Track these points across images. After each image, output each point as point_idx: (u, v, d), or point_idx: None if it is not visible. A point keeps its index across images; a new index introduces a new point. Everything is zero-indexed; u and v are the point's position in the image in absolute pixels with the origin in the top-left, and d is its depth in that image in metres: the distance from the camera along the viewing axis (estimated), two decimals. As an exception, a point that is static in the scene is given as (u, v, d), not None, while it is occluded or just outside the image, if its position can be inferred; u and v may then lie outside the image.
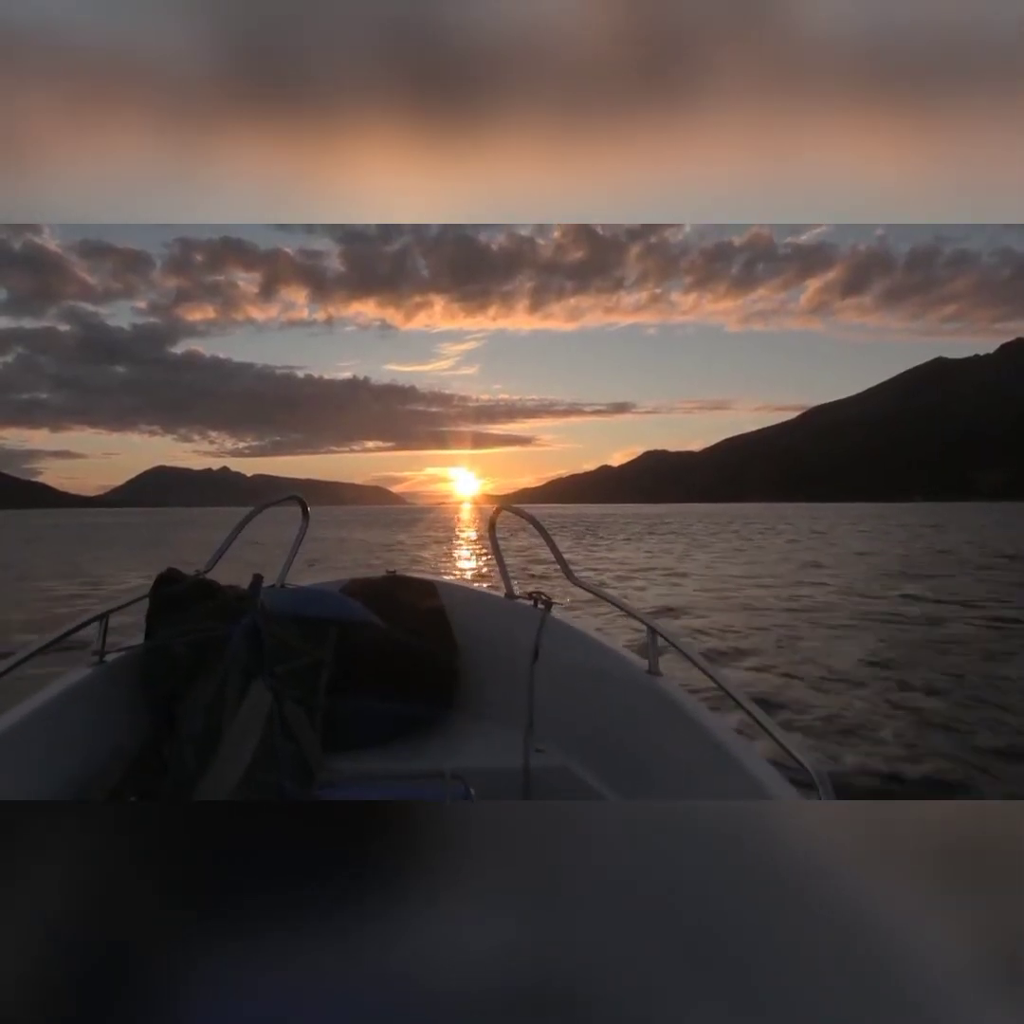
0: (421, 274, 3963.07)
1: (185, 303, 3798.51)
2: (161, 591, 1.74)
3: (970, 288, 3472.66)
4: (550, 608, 2.04)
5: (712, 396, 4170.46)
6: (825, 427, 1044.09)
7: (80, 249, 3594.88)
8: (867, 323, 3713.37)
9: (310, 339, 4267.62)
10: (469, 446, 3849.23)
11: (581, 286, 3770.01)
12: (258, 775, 1.37)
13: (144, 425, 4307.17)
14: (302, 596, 2.06)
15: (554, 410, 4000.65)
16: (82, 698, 1.48)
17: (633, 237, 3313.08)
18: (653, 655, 1.63)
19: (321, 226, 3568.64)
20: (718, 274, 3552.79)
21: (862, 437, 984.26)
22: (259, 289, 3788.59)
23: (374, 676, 1.90)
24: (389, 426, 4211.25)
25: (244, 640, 1.57)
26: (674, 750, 1.41)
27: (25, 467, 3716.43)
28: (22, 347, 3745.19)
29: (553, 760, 1.78)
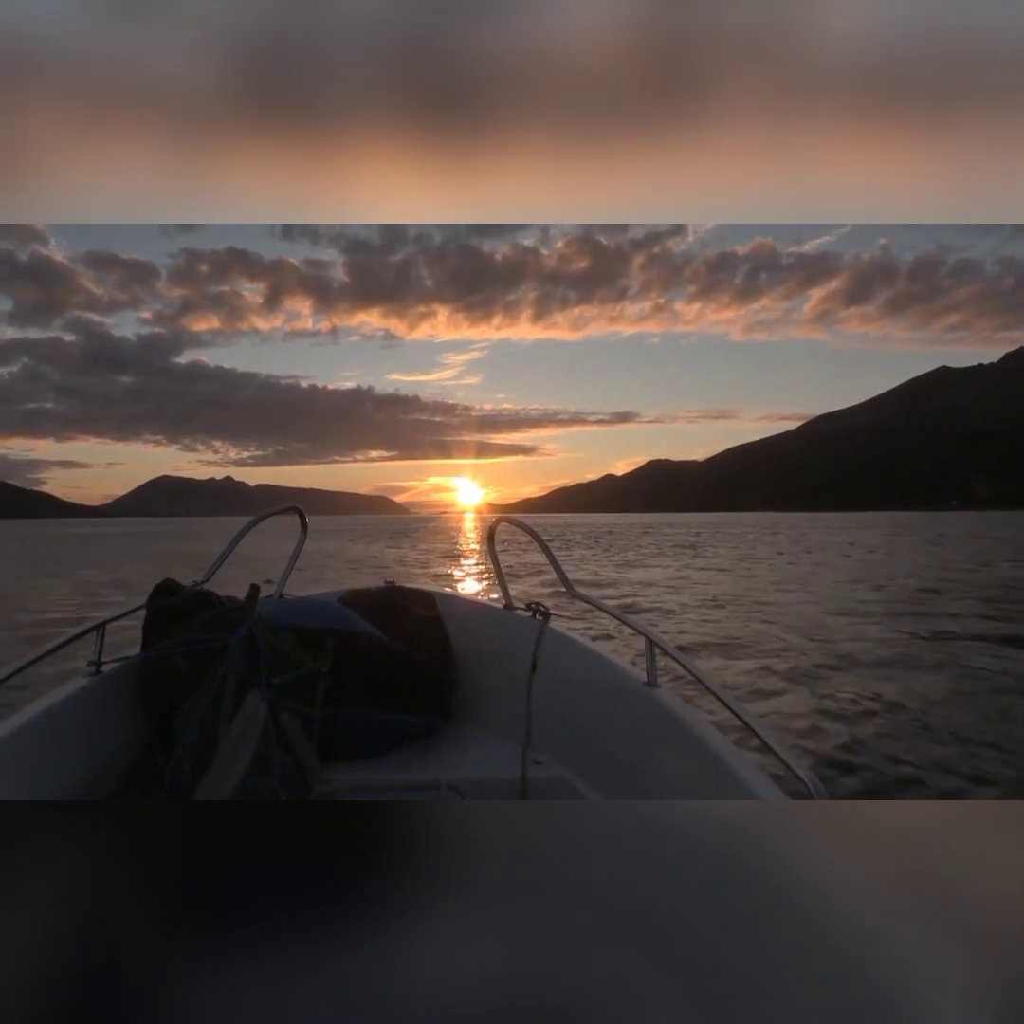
0: (425, 284, 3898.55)
1: (190, 313, 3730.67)
2: (158, 602, 1.74)
3: (974, 297, 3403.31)
4: (548, 619, 2.03)
5: (716, 405, 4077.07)
6: (829, 436, 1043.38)
7: (86, 259, 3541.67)
8: (871, 332, 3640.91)
9: (314, 349, 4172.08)
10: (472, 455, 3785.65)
11: (585, 296, 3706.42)
12: (254, 785, 1.36)
13: (148, 435, 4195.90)
14: (300, 607, 2.06)
15: (557, 419, 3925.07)
16: (79, 708, 1.48)
17: (637, 247, 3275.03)
18: (651, 667, 1.62)
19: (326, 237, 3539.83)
20: (721, 284, 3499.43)
21: (866, 446, 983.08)
22: (264, 299, 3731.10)
23: (371, 687, 1.90)
24: (392, 436, 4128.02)
25: (241, 650, 1.58)
26: (672, 761, 1.40)
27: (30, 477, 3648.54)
28: (28, 357, 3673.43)
29: (551, 771, 1.77)
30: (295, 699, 1.67)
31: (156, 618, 1.71)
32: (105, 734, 1.53)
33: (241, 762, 1.37)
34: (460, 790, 1.54)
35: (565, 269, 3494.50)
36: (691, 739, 1.34)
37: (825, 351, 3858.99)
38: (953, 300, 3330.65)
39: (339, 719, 1.81)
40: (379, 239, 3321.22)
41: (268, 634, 1.69)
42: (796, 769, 1.04)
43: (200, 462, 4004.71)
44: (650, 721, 1.50)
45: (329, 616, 1.99)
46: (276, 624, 1.80)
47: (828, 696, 4.75)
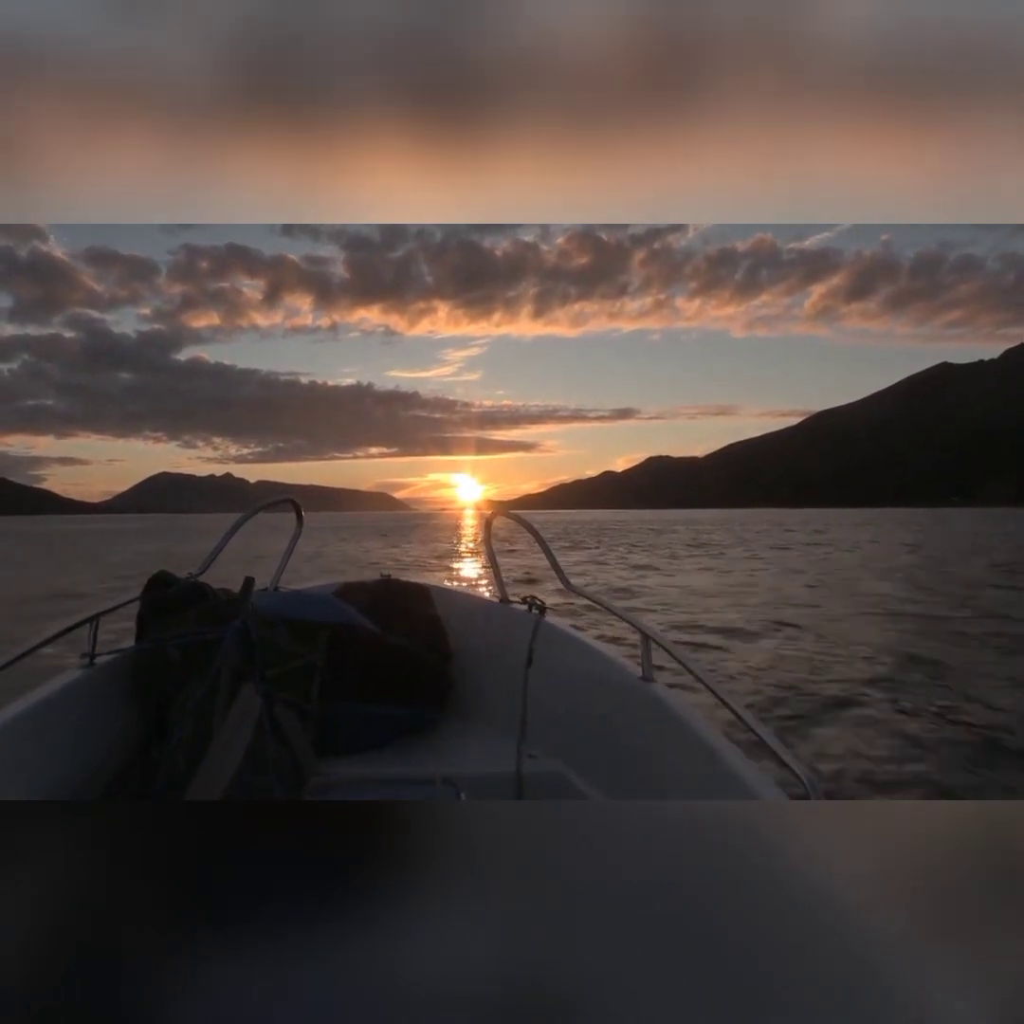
0: (425, 280, 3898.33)
1: (190, 310, 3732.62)
2: (153, 594, 1.74)
3: (975, 293, 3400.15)
4: (544, 613, 2.03)
5: (716, 401, 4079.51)
6: (829, 432, 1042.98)
7: (86, 256, 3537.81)
8: (872, 328, 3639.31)
9: (314, 345, 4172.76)
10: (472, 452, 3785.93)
11: (585, 292, 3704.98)
12: (249, 778, 1.36)
13: (148, 431, 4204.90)
14: (294, 599, 2.05)
15: (557, 416, 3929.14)
16: (72, 701, 1.47)
17: (637, 243, 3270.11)
18: (646, 660, 1.62)
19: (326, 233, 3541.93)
20: (722, 280, 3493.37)
21: (866, 442, 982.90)
22: (264, 296, 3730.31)
23: (367, 680, 1.90)
24: (392, 432, 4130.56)
25: (235, 643, 1.57)
26: (667, 755, 1.40)
27: (30, 473, 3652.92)
28: (28, 354, 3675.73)
29: (546, 765, 1.77)
30: (290, 692, 1.67)
31: (150, 610, 1.71)
32: (99, 727, 1.53)
33: (236, 755, 1.37)
34: (455, 784, 1.54)
35: (565, 265, 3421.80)
36: (686, 733, 1.34)
37: (826, 347, 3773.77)
38: (954, 296, 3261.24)
39: (334, 712, 1.81)
40: (380, 236, 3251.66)
41: (263, 627, 1.69)
42: (792, 766, 1.04)
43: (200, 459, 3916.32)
44: (645, 715, 1.50)
45: (324, 609, 1.99)
46: (271, 617, 1.80)
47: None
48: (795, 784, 1.02)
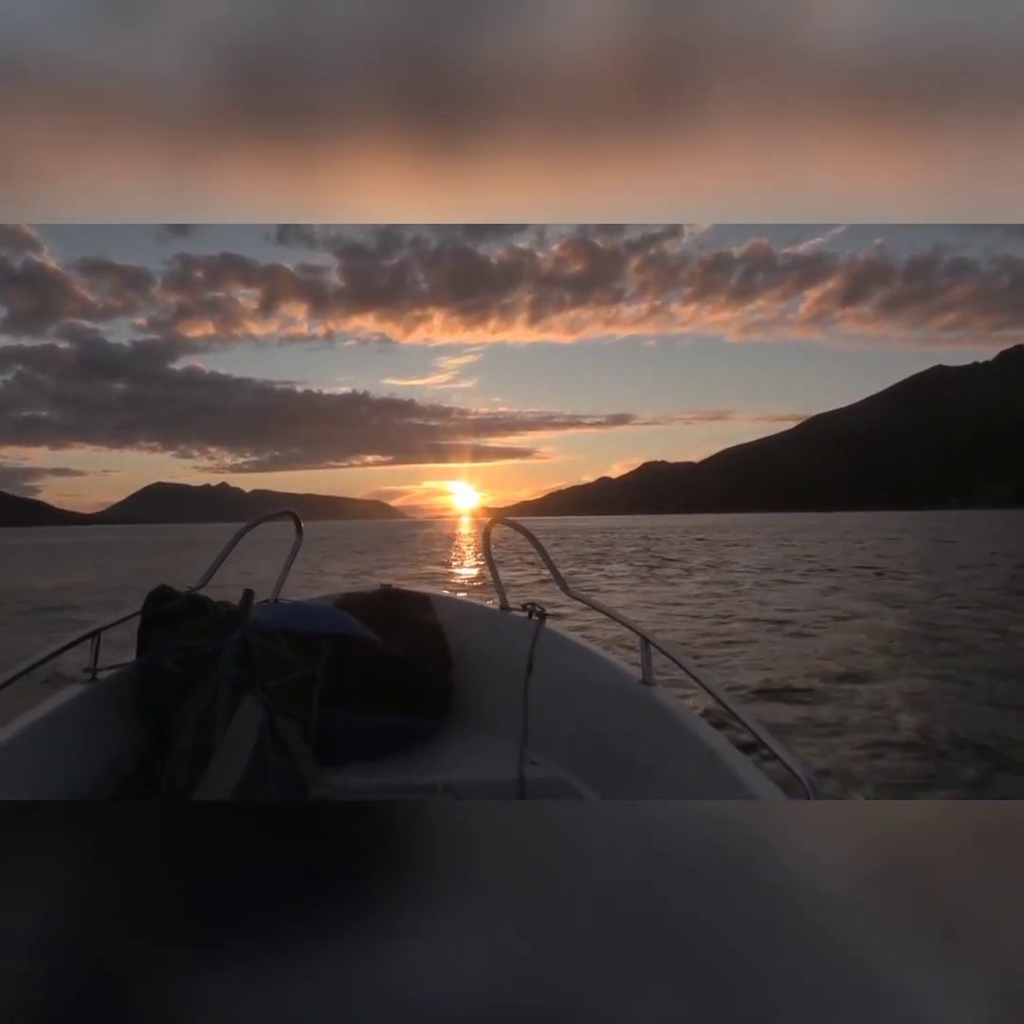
0: (420, 288, 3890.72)
1: (185, 319, 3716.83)
2: (153, 608, 1.74)
3: (969, 296, 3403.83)
4: (544, 620, 2.04)
5: (711, 407, 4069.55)
6: (824, 436, 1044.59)
7: (80, 266, 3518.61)
8: (866, 332, 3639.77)
9: (309, 354, 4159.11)
10: (468, 459, 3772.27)
11: (580, 298, 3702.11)
12: (250, 790, 1.36)
13: (143, 442, 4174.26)
14: (295, 611, 2.05)
15: (553, 422, 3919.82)
16: (75, 715, 1.47)
17: (632, 249, 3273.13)
18: (647, 665, 1.62)
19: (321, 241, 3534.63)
20: (717, 285, 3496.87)
21: (862, 446, 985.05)
22: (259, 305, 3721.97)
23: (368, 690, 1.90)
24: (388, 440, 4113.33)
25: (235, 655, 1.57)
26: (668, 760, 1.40)
27: (25, 485, 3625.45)
28: (22, 365, 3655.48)
29: (548, 772, 1.77)
30: (291, 703, 1.67)
31: (150, 624, 1.71)
32: (102, 742, 1.53)
33: (237, 767, 1.37)
34: (457, 792, 1.54)
35: (561, 272, 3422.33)
36: (687, 737, 1.35)
37: (820, 351, 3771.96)
38: (949, 299, 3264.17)
39: (335, 723, 1.80)
40: (375, 243, 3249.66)
41: (263, 639, 1.69)
42: (793, 768, 1.04)
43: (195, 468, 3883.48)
44: (646, 720, 1.51)
45: (324, 620, 1.99)
46: (271, 629, 1.80)
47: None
48: (795, 784, 1.03)
